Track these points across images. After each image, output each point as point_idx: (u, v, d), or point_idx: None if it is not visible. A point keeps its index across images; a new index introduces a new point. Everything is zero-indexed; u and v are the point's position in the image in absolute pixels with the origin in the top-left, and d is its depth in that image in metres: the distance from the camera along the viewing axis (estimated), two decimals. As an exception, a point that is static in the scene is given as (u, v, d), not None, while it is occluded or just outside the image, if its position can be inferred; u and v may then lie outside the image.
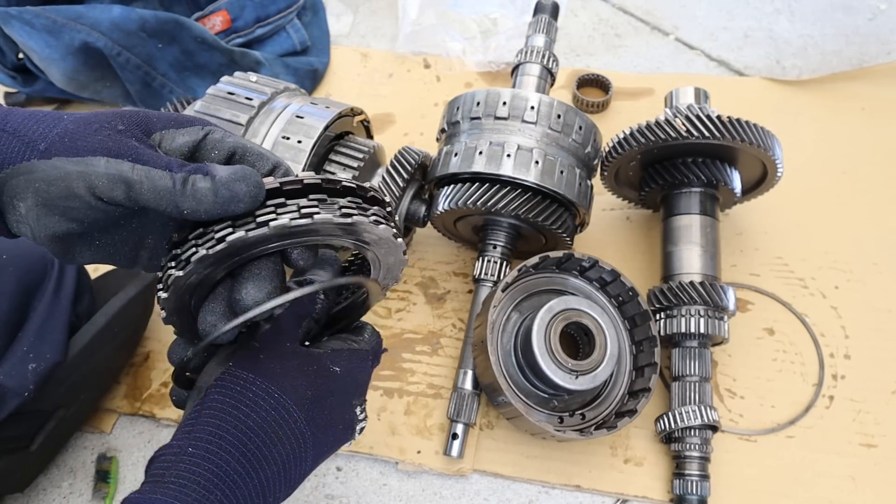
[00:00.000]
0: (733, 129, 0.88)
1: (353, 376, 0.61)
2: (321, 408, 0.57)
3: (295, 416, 0.55)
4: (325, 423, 0.58)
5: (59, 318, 0.89)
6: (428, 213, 1.03)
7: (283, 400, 0.55)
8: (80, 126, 0.50)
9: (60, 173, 0.47)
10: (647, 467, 0.95)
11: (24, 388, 0.82)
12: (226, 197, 0.47)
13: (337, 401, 0.59)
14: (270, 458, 0.53)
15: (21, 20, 1.11)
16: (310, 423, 0.56)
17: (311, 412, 0.56)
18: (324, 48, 1.48)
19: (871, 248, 1.12)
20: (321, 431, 0.57)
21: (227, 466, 0.50)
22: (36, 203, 0.49)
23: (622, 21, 1.54)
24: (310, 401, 0.56)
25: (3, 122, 0.50)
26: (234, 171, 0.48)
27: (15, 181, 0.49)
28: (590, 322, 0.87)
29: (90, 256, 0.55)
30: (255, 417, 0.53)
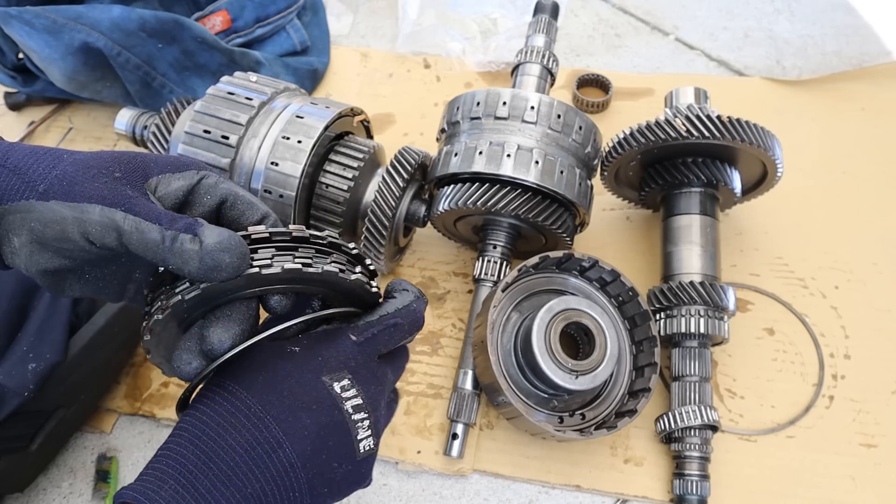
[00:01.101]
0: (733, 129, 0.88)
1: (314, 351, 0.58)
2: (276, 390, 0.55)
3: (248, 403, 0.54)
4: (286, 405, 0.55)
5: (59, 317, 0.89)
6: (428, 213, 1.03)
7: (236, 391, 0.55)
8: (79, 170, 0.52)
9: (56, 216, 0.50)
10: (647, 467, 0.95)
11: (24, 387, 0.82)
12: (209, 265, 0.49)
13: (297, 380, 0.56)
14: (227, 446, 0.52)
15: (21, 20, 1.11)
16: (265, 405, 0.54)
17: (264, 394, 0.55)
18: (324, 48, 1.48)
19: (871, 248, 1.12)
20: (284, 413, 0.54)
21: (181, 460, 0.52)
22: (30, 240, 0.52)
23: (622, 21, 1.54)
24: (262, 384, 0.55)
25: (4, 158, 0.52)
26: (221, 240, 0.49)
27: (12, 217, 0.52)
28: (590, 322, 0.87)
29: (79, 290, 0.58)
30: (208, 411, 0.54)
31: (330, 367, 0.58)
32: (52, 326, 0.87)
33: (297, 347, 0.58)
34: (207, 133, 0.94)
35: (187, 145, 0.95)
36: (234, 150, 0.94)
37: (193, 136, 0.95)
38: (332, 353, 0.58)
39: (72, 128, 1.39)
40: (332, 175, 0.98)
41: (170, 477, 0.51)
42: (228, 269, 0.50)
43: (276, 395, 0.55)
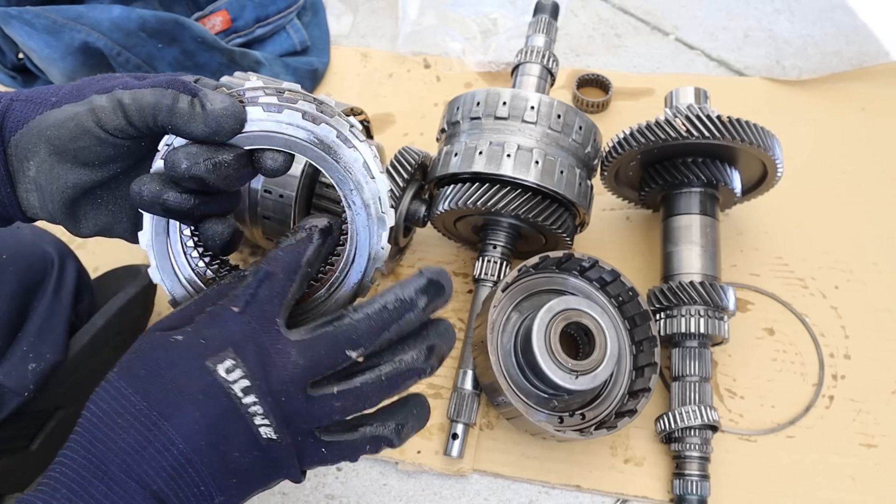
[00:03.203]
0: (733, 129, 0.88)
1: (198, 338, 0.52)
2: (158, 380, 0.51)
3: (131, 400, 0.50)
4: (170, 398, 0.50)
5: (60, 318, 0.89)
6: (428, 213, 1.03)
7: (122, 388, 0.51)
8: (86, 80, 0.57)
9: (69, 114, 0.53)
10: (647, 467, 0.95)
11: (24, 388, 0.82)
12: (213, 128, 0.52)
13: (180, 369, 0.51)
14: (116, 448, 0.49)
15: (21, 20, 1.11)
16: (149, 400, 0.50)
17: (146, 388, 0.51)
18: (324, 48, 1.48)
19: (871, 248, 1.12)
20: (170, 407, 0.50)
21: (73, 466, 0.50)
22: (48, 153, 0.54)
23: (622, 21, 1.54)
24: (143, 379, 0.51)
25: (16, 93, 0.56)
26: (225, 105, 0.52)
27: (28, 137, 0.54)
28: (590, 322, 0.87)
29: (94, 220, 0.59)
30: (98, 413, 0.51)
31: (212, 348, 0.51)
32: (52, 326, 0.87)
33: (181, 336, 0.53)
34: (207, 133, 0.94)
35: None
36: (234, 150, 0.93)
37: (193, 136, 0.95)
38: (214, 331, 0.52)
39: (72, 128, 1.39)
40: (332, 175, 0.98)
41: (62, 485, 0.49)
42: (229, 132, 0.53)
43: (160, 389, 0.51)
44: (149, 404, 0.50)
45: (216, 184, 0.54)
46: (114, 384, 0.52)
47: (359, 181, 0.57)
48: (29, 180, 0.55)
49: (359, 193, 0.58)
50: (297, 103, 0.55)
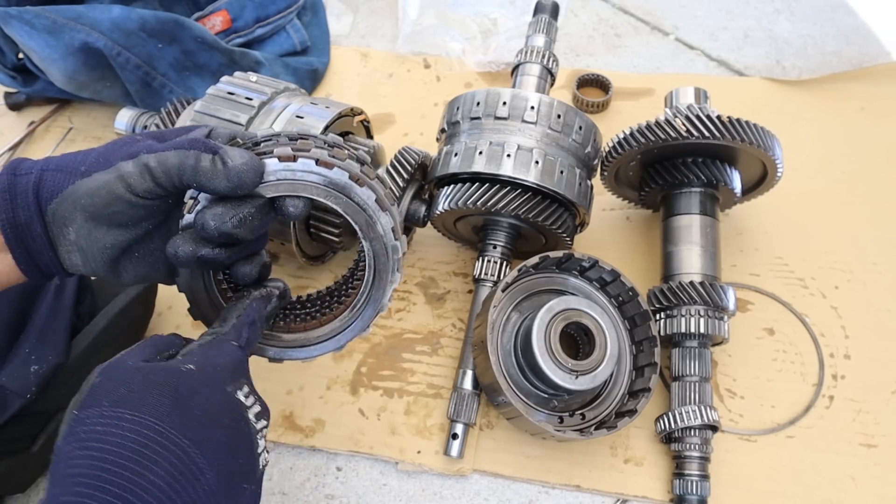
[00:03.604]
0: (733, 129, 0.88)
1: (212, 364, 0.55)
2: (187, 409, 0.50)
3: (160, 430, 0.48)
4: (201, 425, 0.50)
5: (61, 319, 0.89)
6: (428, 213, 1.03)
7: (139, 419, 0.48)
8: (110, 146, 0.60)
9: (101, 182, 0.57)
10: (647, 467, 0.95)
11: (26, 389, 0.82)
12: (235, 183, 0.56)
13: (205, 395, 0.52)
14: (145, 484, 0.46)
15: (21, 20, 1.11)
16: (182, 427, 0.49)
17: (178, 418, 0.49)
18: (324, 48, 1.48)
19: (871, 248, 1.12)
20: (201, 434, 0.50)
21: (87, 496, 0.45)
22: (85, 220, 0.58)
23: (622, 21, 1.54)
24: (170, 407, 0.49)
25: (46, 163, 0.60)
26: (245, 161, 0.56)
27: (64, 207, 0.58)
28: (590, 322, 0.87)
29: (134, 272, 0.64)
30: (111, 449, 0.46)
31: (230, 375, 0.55)
32: (53, 328, 0.87)
33: (192, 365, 0.53)
34: (207, 133, 0.94)
35: (187, 145, 0.95)
36: (235, 150, 0.94)
37: (193, 136, 0.95)
38: (226, 361, 0.56)
39: (72, 128, 1.39)
40: (333, 175, 0.98)
41: None
42: (250, 185, 0.57)
43: (189, 415, 0.50)
44: (178, 431, 0.49)
45: (243, 236, 0.59)
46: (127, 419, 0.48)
47: (372, 216, 0.62)
48: (70, 243, 0.60)
49: (372, 227, 0.63)
50: (310, 151, 0.60)
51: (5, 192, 0.58)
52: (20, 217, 0.59)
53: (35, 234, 0.59)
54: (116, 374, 0.52)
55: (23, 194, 0.59)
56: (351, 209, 0.61)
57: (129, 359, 0.54)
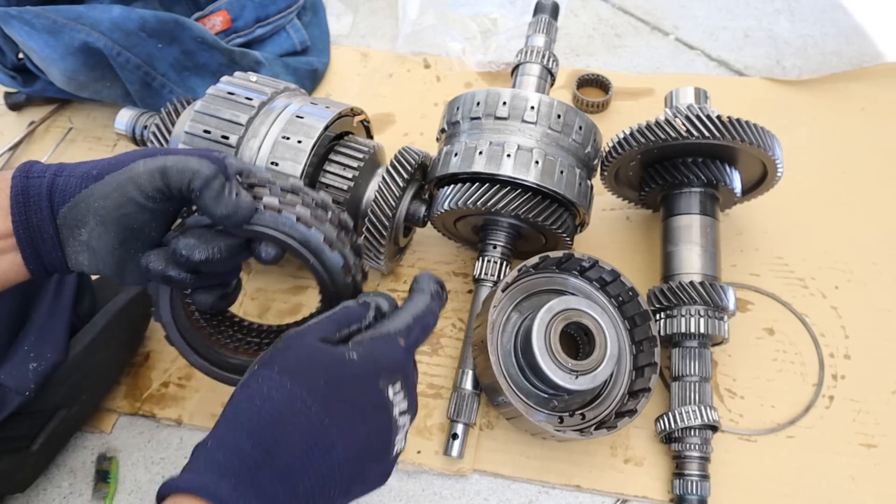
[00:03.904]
0: (733, 129, 0.88)
1: (373, 358, 0.60)
2: (337, 394, 0.57)
3: (308, 403, 0.55)
4: (346, 409, 0.57)
5: (60, 317, 0.89)
6: (428, 213, 1.03)
7: (295, 389, 0.55)
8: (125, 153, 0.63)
9: (113, 185, 0.60)
10: (647, 467, 0.95)
11: (25, 387, 0.82)
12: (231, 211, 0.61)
13: (357, 385, 0.58)
14: (286, 444, 0.53)
15: (21, 20, 1.11)
16: (326, 408, 0.56)
17: (326, 399, 0.56)
18: (324, 48, 1.48)
19: (871, 248, 1.12)
20: (343, 417, 0.56)
21: (241, 454, 0.52)
22: (97, 223, 0.61)
23: (622, 21, 1.54)
24: (323, 387, 0.56)
25: (59, 168, 0.63)
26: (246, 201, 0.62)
27: (77, 210, 0.61)
28: (590, 322, 0.87)
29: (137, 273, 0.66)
30: (268, 408, 0.54)
31: (387, 372, 0.60)
32: (53, 326, 0.88)
33: (355, 354, 0.59)
34: (207, 133, 0.94)
35: (187, 145, 0.95)
36: (235, 150, 0.94)
37: (193, 136, 0.95)
38: (388, 358, 0.61)
39: (72, 128, 1.39)
40: (332, 175, 0.98)
41: (229, 472, 0.51)
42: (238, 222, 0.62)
43: (338, 400, 0.56)
44: (324, 410, 0.55)
45: (208, 269, 0.65)
46: (286, 385, 0.56)
47: (336, 280, 0.67)
48: (80, 244, 0.63)
49: (335, 286, 0.67)
50: (295, 207, 0.65)
51: (19, 195, 0.61)
52: (32, 219, 0.61)
53: (46, 236, 0.62)
54: (294, 346, 0.59)
55: (35, 197, 0.61)
56: (317, 271, 0.66)
57: (311, 333, 0.60)
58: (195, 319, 0.74)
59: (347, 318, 0.63)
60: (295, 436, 0.54)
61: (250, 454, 0.52)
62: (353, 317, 0.63)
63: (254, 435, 0.53)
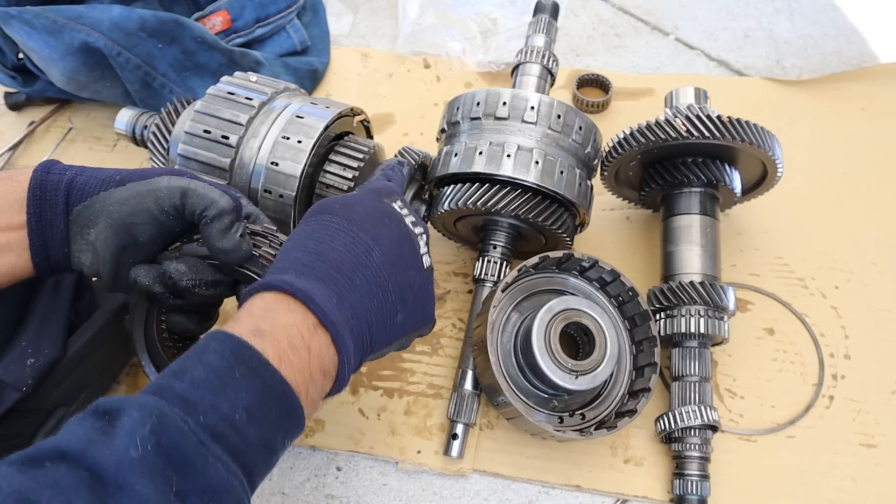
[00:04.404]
0: (733, 129, 0.88)
1: (366, 187, 0.73)
2: (355, 211, 0.66)
3: (336, 220, 0.65)
4: (365, 219, 0.66)
5: (59, 314, 0.89)
6: (428, 213, 1.03)
7: (322, 216, 0.66)
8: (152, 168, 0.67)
9: (133, 192, 0.64)
10: (647, 467, 0.95)
11: (23, 383, 0.82)
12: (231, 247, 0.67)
13: (367, 202, 0.69)
14: (331, 247, 0.62)
15: (21, 20, 1.11)
16: (351, 220, 0.65)
17: (348, 214, 0.66)
18: (324, 48, 1.48)
19: (871, 248, 1.12)
20: (368, 224, 0.66)
21: (297, 261, 0.61)
22: (106, 225, 0.64)
23: (622, 21, 1.54)
24: (340, 213, 0.66)
25: (81, 169, 0.66)
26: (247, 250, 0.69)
27: (90, 210, 0.64)
28: (590, 322, 0.87)
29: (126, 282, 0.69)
30: (307, 227, 0.65)
31: (384, 192, 0.71)
32: (51, 323, 0.88)
33: (357, 190, 0.71)
34: (207, 133, 0.94)
35: (187, 145, 0.95)
36: (234, 150, 0.94)
37: (193, 136, 0.95)
38: (377, 185, 0.73)
39: (72, 128, 1.39)
40: (333, 175, 0.98)
41: (290, 269, 0.60)
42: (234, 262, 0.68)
43: (356, 213, 0.66)
44: (350, 221, 0.65)
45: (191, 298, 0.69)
46: (312, 218, 0.66)
47: None
48: (87, 244, 0.66)
49: None
50: None
51: (36, 189, 0.64)
52: (46, 213, 0.64)
53: (56, 231, 0.65)
54: (314, 206, 0.69)
55: (52, 191, 0.64)
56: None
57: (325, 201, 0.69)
58: (164, 337, 0.78)
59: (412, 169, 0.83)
60: (336, 241, 0.63)
61: (304, 256, 0.61)
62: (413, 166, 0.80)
63: (302, 245, 0.62)
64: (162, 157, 1.06)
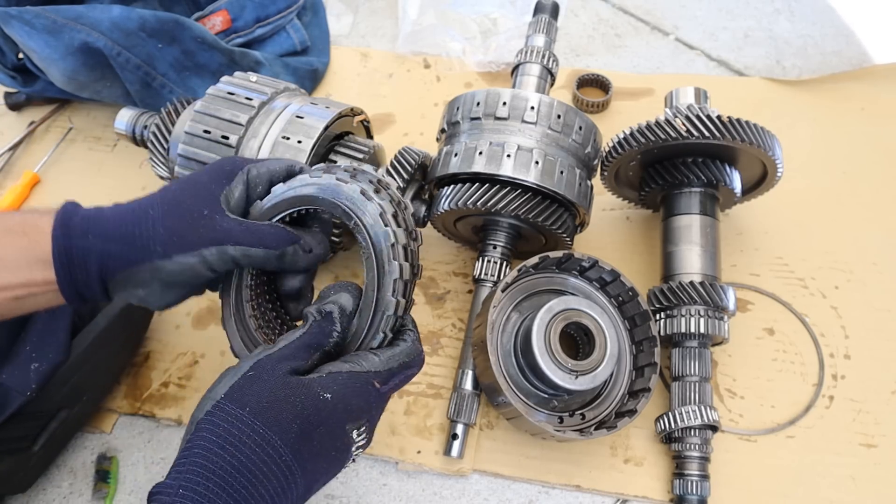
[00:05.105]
0: (733, 129, 0.88)
1: (345, 401, 0.59)
2: (308, 439, 0.57)
3: (280, 452, 0.55)
4: (313, 454, 0.57)
5: (62, 319, 0.89)
6: (428, 213, 1.04)
7: (268, 436, 0.55)
8: (177, 222, 0.63)
9: (184, 266, 0.63)
10: (647, 467, 0.95)
11: (27, 387, 0.83)
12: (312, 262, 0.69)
13: (327, 429, 0.58)
14: (257, 494, 0.53)
15: (21, 20, 1.11)
16: (297, 455, 0.56)
17: (297, 445, 0.56)
18: (324, 48, 1.48)
19: (871, 248, 1.12)
20: (310, 462, 0.57)
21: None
22: (160, 287, 0.64)
23: (622, 21, 1.54)
24: (296, 434, 0.56)
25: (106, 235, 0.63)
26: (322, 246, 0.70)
27: (140, 275, 0.63)
28: (590, 322, 0.87)
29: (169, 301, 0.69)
30: (240, 457, 0.54)
31: (353, 416, 0.60)
32: (54, 328, 0.88)
33: (329, 394, 0.58)
34: (207, 133, 0.94)
35: (187, 145, 0.95)
36: (234, 150, 0.94)
37: (193, 136, 0.95)
38: (359, 402, 0.60)
39: (72, 128, 1.39)
40: (333, 175, 0.98)
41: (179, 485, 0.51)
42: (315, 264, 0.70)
43: (307, 447, 0.57)
44: (295, 460, 0.56)
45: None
46: (260, 432, 0.55)
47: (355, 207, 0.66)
48: (134, 297, 0.66)
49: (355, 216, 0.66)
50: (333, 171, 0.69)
51: (63, 255, 0.63)
52: (79, 276, 0.64)
53: (93, 290, 0.65)
54: (265, 379, 0.57)
55: (81, 259, 0.63)
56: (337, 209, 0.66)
57: (283, 363, 0.59)
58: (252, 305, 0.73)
59: (318, 339, 0.62)
60: (266, 485, 0.54)
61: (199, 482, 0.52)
62: (323, 336, 0.62)
63: (225, 486, 0.52)
64: (162, 157, 1.06)
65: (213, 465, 0.53)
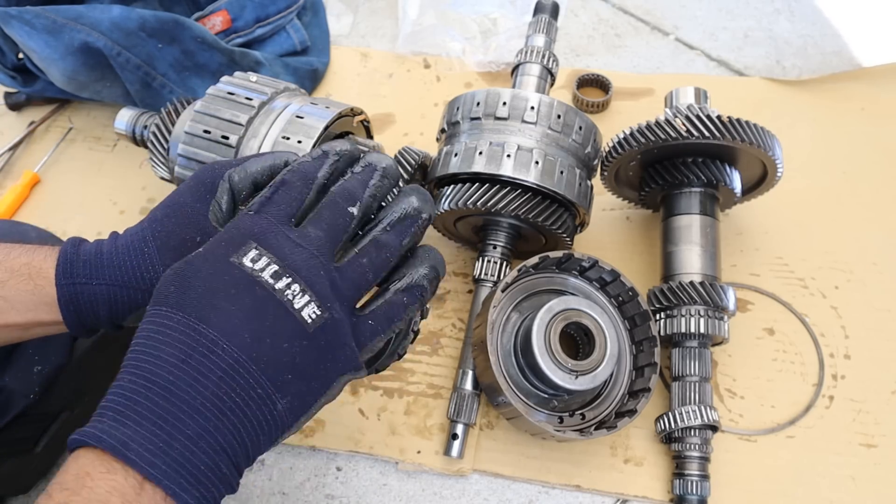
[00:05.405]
0: (733, 129, 0.88)
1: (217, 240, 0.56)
2: (189, 292, 0.52)
3: (169, 314, 0.52)
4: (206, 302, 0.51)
5: None
6: (428, 214, 1.03)
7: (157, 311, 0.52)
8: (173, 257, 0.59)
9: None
10: (647, 467, 0.96)
11: (30, 390, 0.83)
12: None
13: (204, 273, 0.53)
14: (162, 362, 0.49)
15: (21, 20, 1.11)
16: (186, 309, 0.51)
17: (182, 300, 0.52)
18: (324, 48, 1.48)
19: (871, 248, 1.12)
20: (207, 309, 0.51)
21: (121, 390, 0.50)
22: None
23: (622, 21, 1.54)
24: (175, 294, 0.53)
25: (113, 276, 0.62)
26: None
27: None
28: (590, 322, 0.88)
29: None
30: (140, 340, 0.52)
31: (233, 245, 0.53)
32: None
33: (200, 248, 0.55)
34: (207, 133, 0.94)
35: (187, 145, 0.95)
36: (234, 150, 0.94)
37: (193, 136, 0.95)
38: (231, 232, 0.55)
39: (72, 128, 1.39)
40: (333, 175, 0.98)
41: (109, 409, 0.48)
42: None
43: (192, 296, 0.51)
44: (184, 312, 0.50)
45: None
46: (150, 312, 0.53)
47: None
48: None
49: None
50: None
51: (70, 304, 0.63)
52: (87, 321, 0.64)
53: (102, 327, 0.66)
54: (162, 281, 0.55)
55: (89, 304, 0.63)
56: None
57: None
58: None
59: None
60: (167, 350, 0.49)
61: (129, 388, 0.49)
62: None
63: (132, 370, 0.50)
64: (162, 157, 1.06)
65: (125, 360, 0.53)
